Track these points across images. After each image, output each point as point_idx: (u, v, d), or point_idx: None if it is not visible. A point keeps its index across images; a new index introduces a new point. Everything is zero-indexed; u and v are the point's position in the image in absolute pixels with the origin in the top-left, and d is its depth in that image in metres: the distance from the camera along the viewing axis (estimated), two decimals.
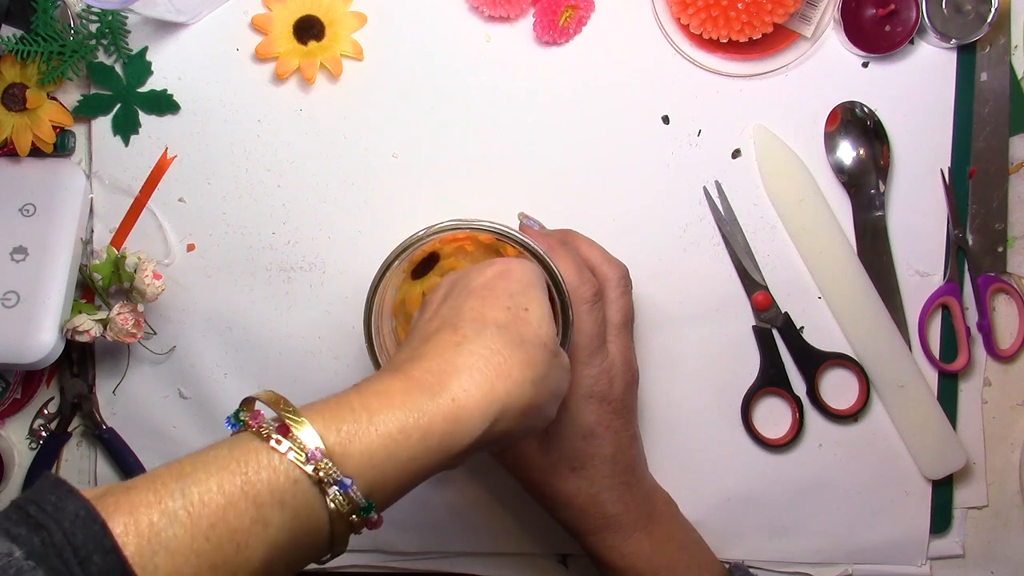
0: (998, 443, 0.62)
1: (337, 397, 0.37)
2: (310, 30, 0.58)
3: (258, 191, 0.60)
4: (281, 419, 0.35)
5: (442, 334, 0.41)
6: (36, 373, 0.62)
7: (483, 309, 0.42)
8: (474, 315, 0.41)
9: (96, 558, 0.29)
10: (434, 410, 0.37)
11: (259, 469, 0.33)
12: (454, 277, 0.46)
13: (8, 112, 0.58)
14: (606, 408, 0.52)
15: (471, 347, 0.40)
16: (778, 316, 0.60)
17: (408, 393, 0.37)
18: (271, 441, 0.34)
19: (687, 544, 0.57)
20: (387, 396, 0.37)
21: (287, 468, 0.34)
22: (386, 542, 0.62)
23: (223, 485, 0.32)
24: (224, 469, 0.33)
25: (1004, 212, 0.60)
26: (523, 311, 0.42)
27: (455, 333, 0.41)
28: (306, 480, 0.34)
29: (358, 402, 0.37)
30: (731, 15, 0.56)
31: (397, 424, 0.36)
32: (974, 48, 0.59)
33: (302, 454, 0.34)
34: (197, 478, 0.32)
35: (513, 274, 0.44)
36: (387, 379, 0.39)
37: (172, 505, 0.31)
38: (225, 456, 0.34)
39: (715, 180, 0.60)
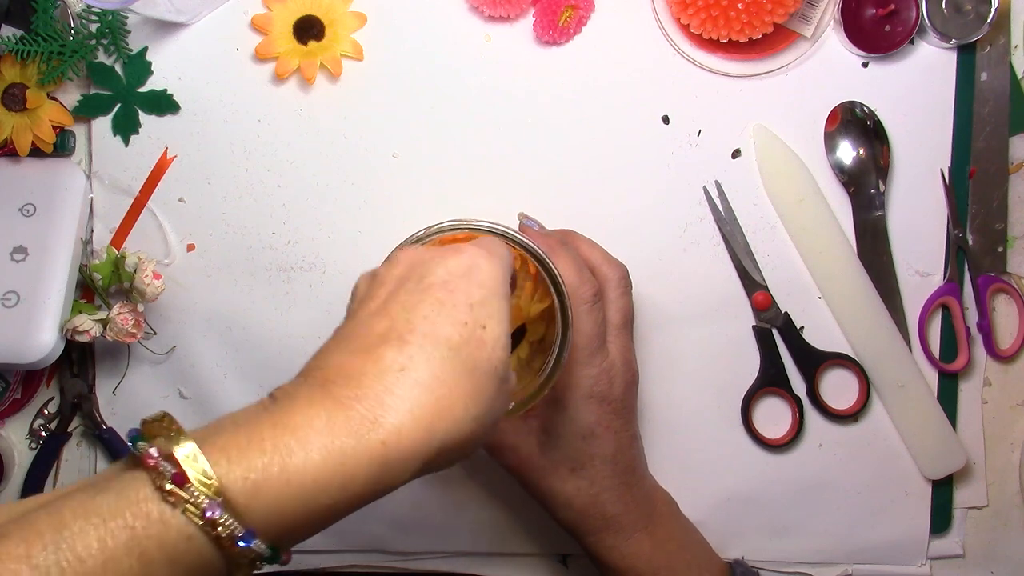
0: (998, 443, 0.62)
1: (248, 427, 0.32)
2: (310, 30, 0.58)
3: (258, 191, 0.60)
4: (176, 462, 0.31)
5: (386, 349, 0.35)
6: (36, 373, 0.62)
7: (438, 320, 0.36)
8: (427, 328, 0.36)
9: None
10: (360, 453, 0.32)
11: (148, 524, 0.30)
12: (412, 257, 0.40)
13: (8, 112, 0.58)
14: (606, 408, 0.52)
15: (416, 375, 0.34)
16: (778, 316, 0.60)
17: (333, 432, 0.32)
18: (163, 491, 0.30)
19: (688, 544, 0.57)
20: (306, 434, 0.32)
21: (180, 524, 0.30)
22: (386, 542, 0.62)
23: (106, 541, 0.29)
24: (109, 520, 0.29)
25: (1004, 212, 0.60)
26: (481, 328, 0.37)
27: (400, 352, 0.35)
28: (201, 536, 0.30)
29: (271, 440, 0.32)
30: (731, 15, 0.56)
31: (314, 472, 0.32)
32: (974, 48, 0.59)
33: (198, 510, 0.30)
34: (77, 530, 0.29)
35: (479, 274, 0.39)
36: (308, 407, 0.33)
37: (44, 560, 0.28)
38: (111, 505, 0.30)
39: (715, 180, 0.60)
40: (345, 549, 0.62)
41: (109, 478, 0.32)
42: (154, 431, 0.32)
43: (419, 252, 0.40)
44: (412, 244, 0.47)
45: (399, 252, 0.41)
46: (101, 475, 0.32)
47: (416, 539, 0.62)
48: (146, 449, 0.31)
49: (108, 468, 0.33)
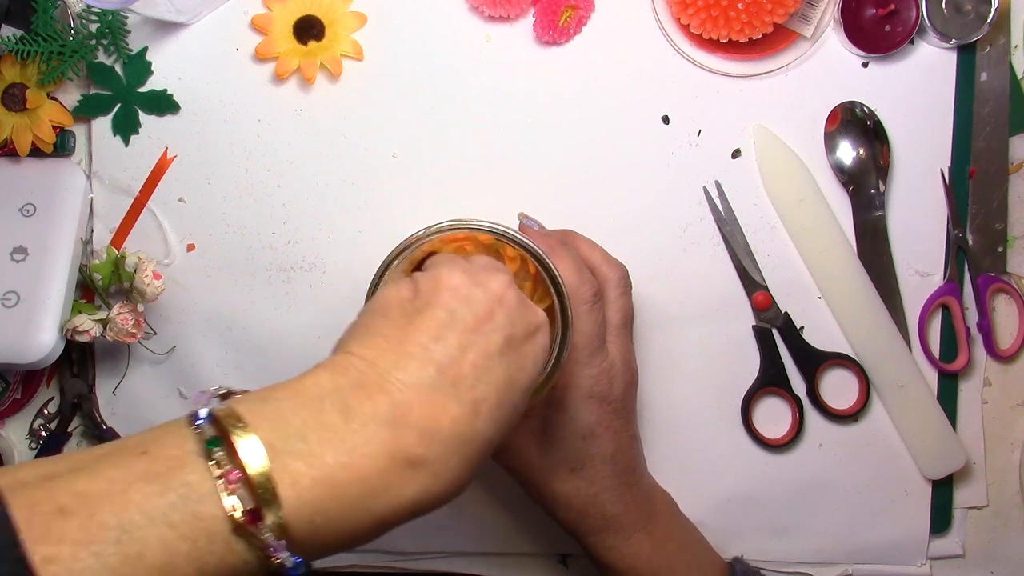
0: (998, 443, 0.62)
1: (322, 458, 0.33)
2: (310, 30, 0.58)
3: (258, 191, 0.60)
4: (252, 488, 0.32)
5: (462, 419, 0.37)
6: (36, 373, 0.62)
7: (446, 400, 0.37)
8: (432, 411, 0.36)
9: (4, 568, 0.27)
10: (405, 511, 0.35)
11: (211, 543, 0.31)
12: (467, 284, 0.41)
13: (8, 112, 0.58)
14: (606, 408, 0.52)
15: (471, 450, 0.37)
16: (778, 316, 0.60)
17: (395, 488, 0.35)
18: (233, 521, 0.31)
19: (688, 543, 0.57)
20: (372, 488, 0.34)
21: (242, 550, 0.31)
22: (386, 542, 0.62)
23: (167, 545, 0.30)
24: (174, 528, 0.30)
25: (1004, 212, 0.60)
26: (484, 402, 0.38)
27: (472, 425, 0.37)
28: (256, 563, 0.32)
29: (343, 490, 0.33)
30: (731, 15, 0.56)
31: (370, 524, 0.35)
32: (974, 48, 0.59)
33: (263, 547, 0.32)
34: (142, 530, 0.30)
35: (504, 315, 0.40)
36: (380, 452, 0.35)
37: (106, 550, 0.29)
38: (178, 512, 0.31)
39: (715, 180, 0.60)
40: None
41: (174, 467, 0.32)
42: (226, 427, 0.33)
43: (464, 274, 0.41)
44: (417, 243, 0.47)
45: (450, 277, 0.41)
46: (162, 450, 0.32)
47: (416, 539, 0.62)
48: (226, 467, 0.32)
49: (168, 437, 0.33)
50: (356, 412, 0.35)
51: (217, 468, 0.32)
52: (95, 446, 0.33)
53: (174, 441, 0.33)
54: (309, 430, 0.34)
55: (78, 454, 0.33)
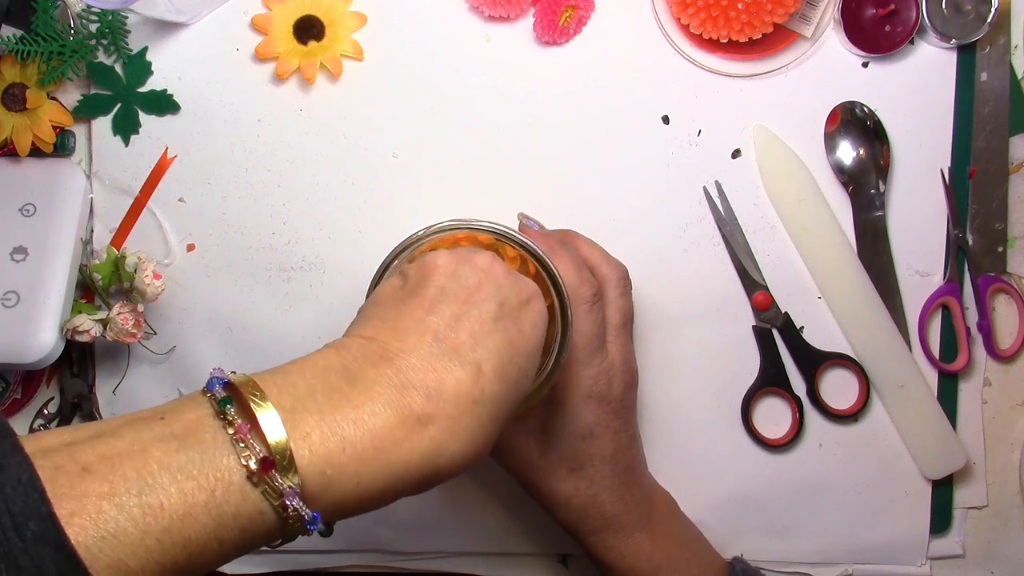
0: (998, 443, 0.62)
1: (331, 416, 0.35)
2: (310, 30, 0.58)
3: (258, 191, 0.60)
4: (265, 443, 0.33)
5: (464, 379, 0.38)
6: (36, 373, 0.62)
7: (448, 363, 0.38)
8: (495, 363, 0.39)
9: (32, 525, 0.29)
10: (426, 468, 0.36)
11: (228, 493, 0.32)
12: (453, 263, 0.43)
13: (8, 112, 0.58)
14: (605, 408, 0.52)
15: (482, 411, 0.38)
16: (778, 316, 0.60)
17: (405, 443, 0.36)
18: (248, 470, 0.32)
19: (687, 542, 0.57)
20: (383, 444, 0.35)
21: (256, 499, 0.33)
22: (386, 542, 0.62)
23: (186, 495, 0.31)
24: (191, 479, 0.32)
25: (1004, 212, 0.60)
26: (487, 362, 0.39)
27: (475, 385, 0.38)
28: (272, 512, 0.33)
29: (351, 444, 0.35)
30: (731, 15, 0.56)
31: (382, 480, 0.35)
32: (974, 48, 0.59)
33: (277, 495, 0.33)
34: (162, 481, 0.31)
35: (493, 286, 0.42)
36: (387, 413, 0.36)
37: (128, 502, 0.30)
38: (195, 466, 0.32)
39: (715, 180, 0.60)
40: (345, 549, 0.62)
41: (191, 429, 0.33)
42: (241, 394, 0.34)
43: (456, 253, 0.43)
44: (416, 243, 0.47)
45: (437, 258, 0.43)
46: (179, 416, 0.34)
47: (416, 539, 0.62)
48: (237, 421, 0.33)
49: (185, 405, 0.35)
50: (361, 378, 0.37)
51: (230, 426, 0.33)
52: (114, 416, 0.35)
53: (190, 407, 0.35)
54: (318, 392, 0.36)
55: (98, 423, 0.34)
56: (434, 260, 0.42)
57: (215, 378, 0.36)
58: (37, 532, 0.29)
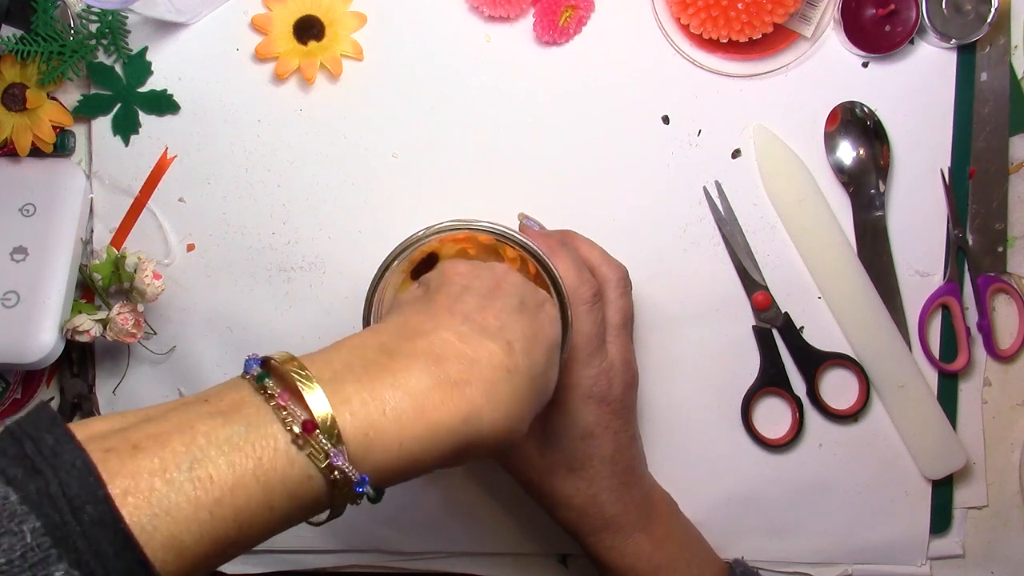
0: (998, 443, 0.62)
1: (371, 383, 0.36)
2: (310, 30, 0.58)
3: (258, 191, 0.60)
4: (307, 408, 0.34)
5: (497, 350, 0.39)
6: (36, 373, 0.62)
7: (481, 338, 0.40)
8: (525, 344, 0.41)
9: (89, 508, 0.29)
10: (458, 434, 0.37)
11: (275, 458, 0.33)
12: (472, 267, 0.45)
13: (8, 112, 0.58)
14: (605, 409, 0.52)
15: (517, 380, 0.39)
16: (778, 316, 0.60)
17: (442, 408, 0.36)
18: (293, 434, 0.33)
19: (687, 542, 0.57)
20: (421, 404, 0.36)
21: (303, 463, 0.33)
22: (386, 542, 0.62)
23: (235, 466, 0.32)
24: (238, 450, 0.32)
25: (1004, 212, 0.60)
26: (516, 342, 0.41)
27: (508, 356, 0.39)
28: (320, 476, 0.34)
29: (392, 404, 0.35)
30: (731, 15, 0.56)
31: (421, 442, 0.36)
32: (974, 48, 0.59)
33: (323, 456, 0.33)
34: (211, 454, 0.32)
35: (512, 287, 0.44)
36: (424, 378, 0.37)
37: (178, 476, 0.31)
38: (241, 437, 0.33)
39: (715, 180, 0.60)
40: (345, 549, 0.62)
41: (235, 406, 0.34)
42: (281, 371, 0.35)
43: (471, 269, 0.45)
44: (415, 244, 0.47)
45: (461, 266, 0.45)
46: (222, 398, 0.35)
47: (416, 539, 0.62)
48: (277, 391, 0.34)
49: (226, 387, 0.35)
50: (397, 352, 0.38)
51: (271, 399, 0.34)
52: (158, 404, 0.35)
53: (233, 387, 0.35)
54: (356, 365, 0.37)
55: (145, 409, 0.34)
56: (453, 267, 0.44)
57: (251, 359, 0.36)
58: (94, 516, 0.29)
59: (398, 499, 0.61)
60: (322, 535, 0.61)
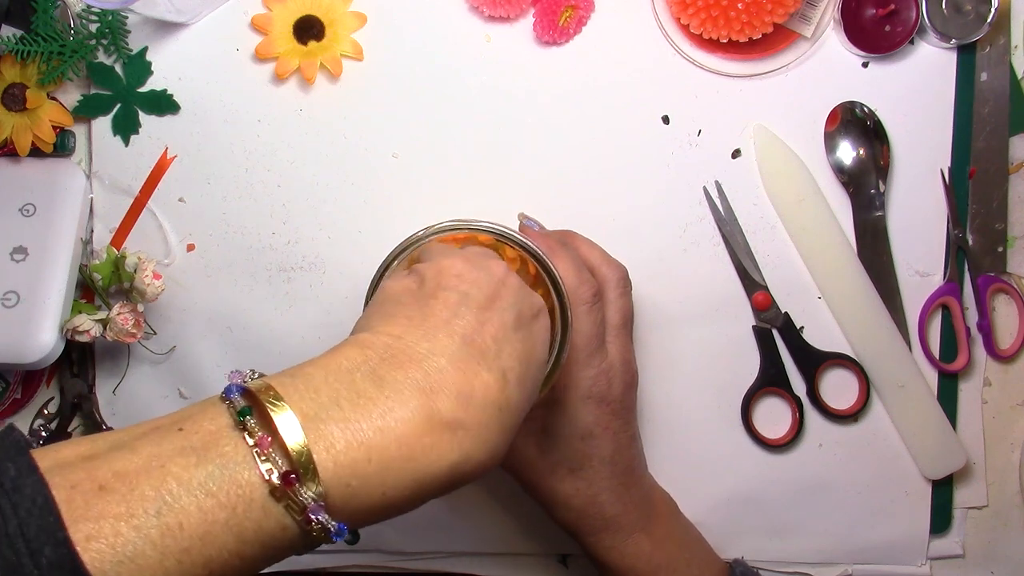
0: (998, 443, 0.62)
1: (355, 424, 0.33)
2: (310, 30, 0.58)
3: (258, 191, 0.60)
4: (287, 456, 0.32)
5: (491, 386, 0.37)
6: (36, 373, 0.62)
7: (477, 367, 0.37)
8: (465, 378, 0.37)
9: (48, 551, 0.28)
10: (442, 478, 0.35)
11: (249, 510, 0.31)
12: (471, 269, 0.42)
13: (8, 112, 0.58)
14: (605, 409, 0.52)
15: (507, 418, 0.37)
16: (778, 316, 0.60)
17: (432, 453, 0.34)
18: (270, 484, 0.31)
19: (687, 543, 0.57)
20: (410, 451, 0.34)
21: (279, 514, 0.32)
22: (386, 542, 0.62)
23: (206, 514, 0.30)
24: (211, 496, 0.31)
25: (1004, 212, 0.60)
26: (511, 370, 0.38)
27: (502, 392, 0.37)
28: (296, 527, 0.32)
29: (378, 453, 0.33)
30: (731, 15, 0.56)
31: (406, 491, 0.34)
32: (974, 48, 0.59)
33: (301, 510, 0.32)
34: (181, 501, 0.30)
35: (510, 295, 0.41)
36: (415, 418, 0.34)
37: (146, 523, 0.29)
38: (215, 482, 0.31)
39: (715, 180, 0.60)
40: (345, 549, 0.62)
41: (211, 442, 0.32)
42: (260, 401, 0.33)
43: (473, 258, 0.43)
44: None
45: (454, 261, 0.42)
46: (198, 427, 0.33)
47: (416, 539, 0.62)
48: (258, 433, 0.32)
49: (204, 414, 0.33)
50: (388, 380, 0.35)
51: (251, 437, 0.32)
52: (132, 425, 0.34)
53: (209, 416, 0.33)
54: (342, 398, 0.34)
55: (116, 433, 0.33)
56: (451, 265, 0.41)
57: (234, 384, 0.34)
58: (53, 559, 0.28)
59: None
60: None
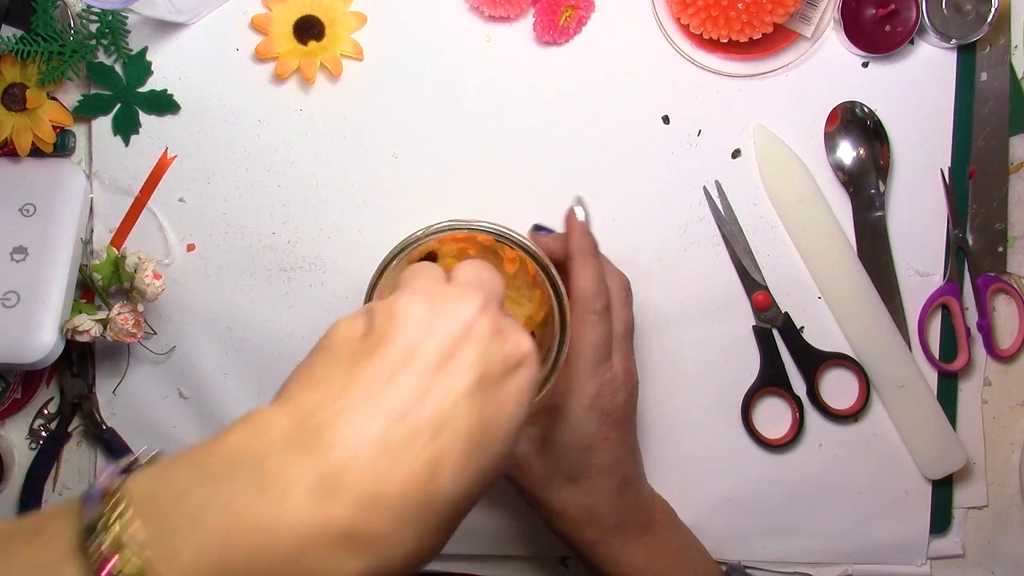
0: (998, 443, 0.62)
1: (230, 564, 0.29)
2: (310, 30, 0.58)
3: (258, 191, 0.60)
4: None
5: (422, 477, 0.31)
6: (36, 373, 0.62)
7: (396, 459, 0.31)
8: (376, 474, 0.31)
9: None
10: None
11: None
12: (429, 314, 0.35)
13: (8, 112, 0.58)
14: (606, 420, 0.51)
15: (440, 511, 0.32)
16: (778, 316, 0.60)
17: (312, 565, 0.30)
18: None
19: (683, 550, 0.57)
20: (286, 567, 0.29)
21: None
22: None
23: None
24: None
25: (1004, 212, 0.60)
26: (448, 456, 0.32)
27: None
28: None
29: (248, 568, 0.29)
30: (731, 15, 0.56)
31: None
32: (974, 48, 0.59)
33: None
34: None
35: (474, 349, 0.34)
36: (299, 526, 0.29)
37: None
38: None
39: (715, 180, 0.60)
40: None
41: (55, 561, 0.29)
42: (106, 513, 0.29)
43: (415, 305, 0.36)
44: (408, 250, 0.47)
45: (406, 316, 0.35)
46: (48, 542, 0.29)
47: None
48: (102, 557, 0.28)
49: (51, 533, 0.30)
50: (277, 479, 0.30)
51: (92, 560, 0.28)
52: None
53: (59, 528, 0.30)
54: (209, 508, 0.29)
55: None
56: (407, 309, 0.35)
57: (91, 493, 0.30)
58: None
59: None
60: None
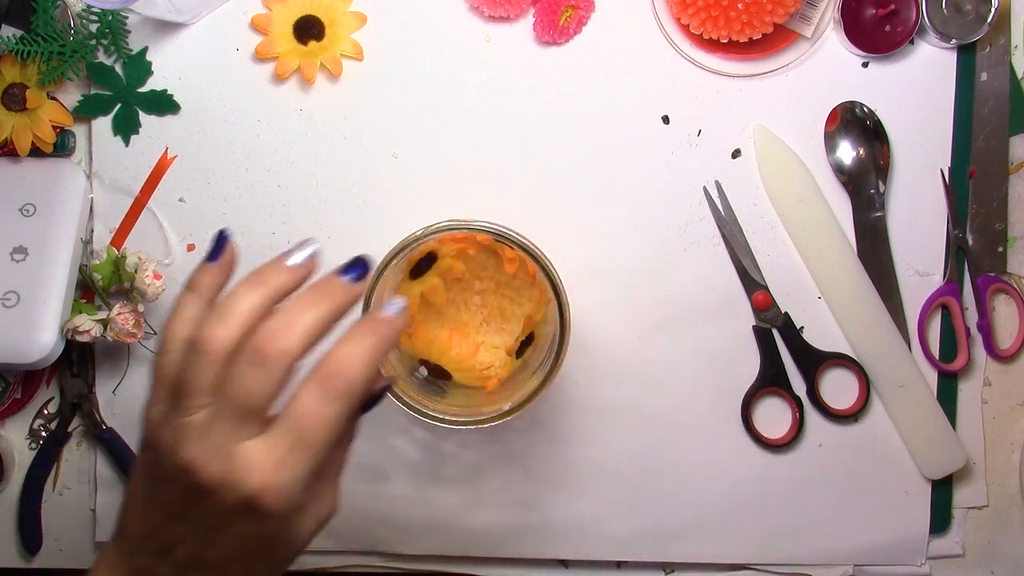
0: (998, 443, 0.62)
1: None
2: (310, 30, 0.58)
3: (258, 191, 0.60)
4: None
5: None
6: (36, 373, 0.62)
7: None
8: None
9: None
10: None
11: None
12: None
13: (8, 112, 0.58)
14: None
15: None
16: (778, 316, 0.60)
17: None
18: None
19: None
20: None
21: None
22: (385, 544, 0.62)
23: None
24: None
25: (1004, 212, 0.60)
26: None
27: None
28: None
29: None
30: (731, 15, 0.56)
31: None
32: (974, 48, 0.59)
33: None
34: None
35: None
36: None
37: None
38: None
39: (715, 180, 0.60)
40: (344, 550, 0.62)
41: None
42: None
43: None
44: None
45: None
46: None
47: (415, 542, 0.62)
48: None
49: None
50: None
51: None
52: None
53: None
54: None
55: None
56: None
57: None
58: None
59: (398, 502, 0.61)
60: (321, 535, 0.61)
